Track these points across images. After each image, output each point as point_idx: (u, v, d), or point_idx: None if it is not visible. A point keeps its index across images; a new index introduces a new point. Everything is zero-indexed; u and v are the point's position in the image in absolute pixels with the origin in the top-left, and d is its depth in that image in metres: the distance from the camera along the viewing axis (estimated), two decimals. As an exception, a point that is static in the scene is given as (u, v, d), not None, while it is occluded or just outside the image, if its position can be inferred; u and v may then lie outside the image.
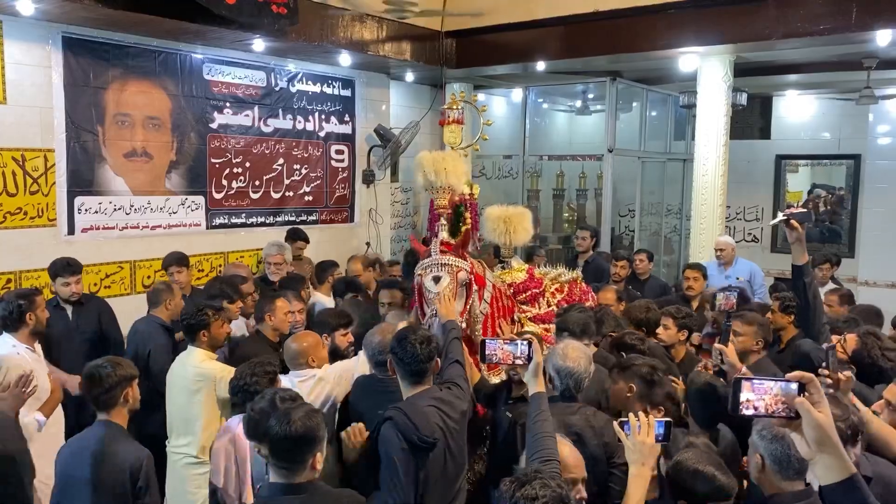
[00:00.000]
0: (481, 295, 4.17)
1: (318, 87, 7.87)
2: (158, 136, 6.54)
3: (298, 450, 2.40)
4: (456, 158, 4.35)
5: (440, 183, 4.14)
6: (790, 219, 3.48)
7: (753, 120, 10.32)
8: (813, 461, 1.72)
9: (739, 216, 10.33)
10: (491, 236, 4.68)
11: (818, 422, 1.67)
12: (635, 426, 2.49)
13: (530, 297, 4.60)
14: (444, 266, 3.93)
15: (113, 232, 6.29)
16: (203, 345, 4.17)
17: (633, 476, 2.46)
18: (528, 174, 9.67)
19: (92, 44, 6.04)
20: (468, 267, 4.00)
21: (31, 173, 5.77)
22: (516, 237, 4.63)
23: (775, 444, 2.42)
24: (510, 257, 4.78)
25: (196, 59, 6.76)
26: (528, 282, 4.64)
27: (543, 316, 4.57)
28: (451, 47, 8.03)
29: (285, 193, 7.64)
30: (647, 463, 2.46)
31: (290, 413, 2.43)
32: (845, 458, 1.70)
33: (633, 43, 6.95)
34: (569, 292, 4.88)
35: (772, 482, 2.46)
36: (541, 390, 2.65)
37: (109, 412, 3.12)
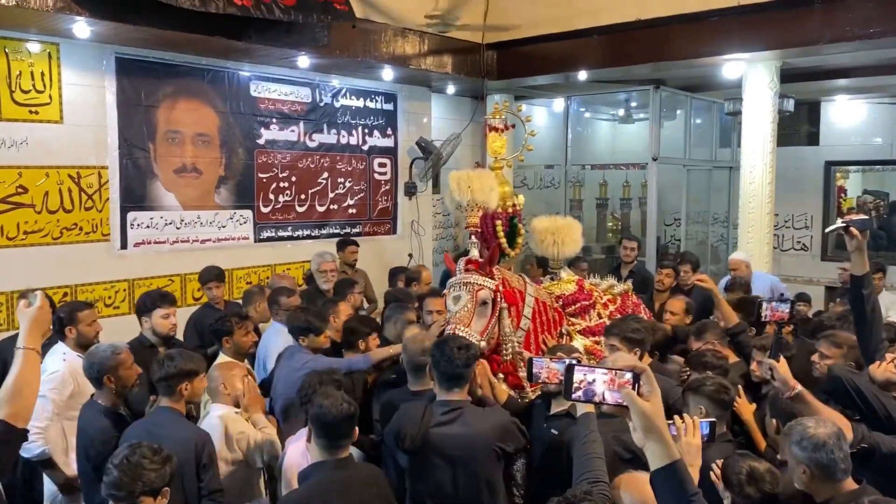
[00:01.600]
0: (518, 311, 4.10)
1: (361, 101, 7.97)
2: (207, 152, 6.70)
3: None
4: (482, 176, 4.33)
5: (468, 202, 4.18)
6: (849, 226, 3.30)
7: (801, 126, 10.13)
8: (644, 447, 1.79)
9: (788, 224, 10.12)
10: (538, 248, 4.63)
11: (643, 410, 1.75)
12: (681, 427, 2.46)
13: (580, 310, 4.53)
14: (465, 286, 3.90)
15: (164, 246, 6.44)
16: (228, 351, 4.26)
17: None
18: (570, 184, 9.63)
19: (143, 63, 6.22)
20: (492, 285, 3.93)
21: (86, 190, 5.96)
22: (564, 249, 4.58)
23: (819, 453, 2.47)
24: (559, 269, 4.74)
25: (243, 76, 6.91)
26: (577, 294, 4.58)
27: (594, 328, 4.49)
28: (492, 59, 8.07)
29: (330, 206, 7.74)
30: (694, 464, 2.42)
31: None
32: (670, 446, 1.77)
33: (676, 51, 6.90)
34: (621, 304, 4.81)
35: (824, 489, 2.50)
36: (589, 410, 2.57)
37: (170, 399, 3.34)
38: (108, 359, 3.56)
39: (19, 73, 5.55)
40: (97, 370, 3.53)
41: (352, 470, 2.96)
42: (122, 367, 3.59)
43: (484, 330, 3.84)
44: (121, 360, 3.59)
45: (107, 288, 6.09)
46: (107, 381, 3.56)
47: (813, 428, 2.56)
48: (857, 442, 2.60)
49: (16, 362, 2.39)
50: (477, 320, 3.82)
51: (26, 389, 2.36)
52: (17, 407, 2.30)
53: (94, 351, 3.61)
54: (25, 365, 2.38)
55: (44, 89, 5.70)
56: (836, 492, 2.49)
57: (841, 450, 2.52)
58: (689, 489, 1.79)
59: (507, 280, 4.14)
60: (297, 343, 4.31)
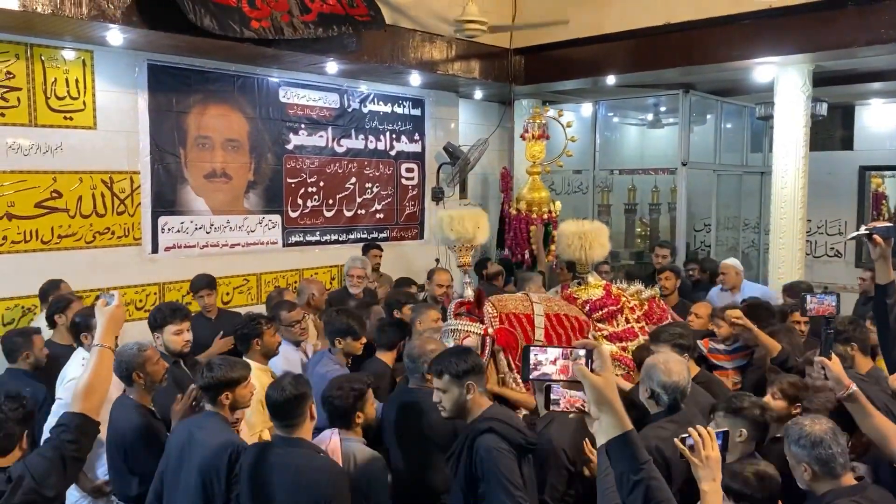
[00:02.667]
0: (528, 338, 4.06)
1: (388, 107, 8.00)
2: (237, 157, 6.77)
3: None
4: (465, 216, 4.40)
5: (457, 241, 4.22)
6: (872, 233, 3.20)
7: (834, 130, 9.96)
8: (598, 420, 1.86)
9: (821, 230, 9.95)
10: (566, 252, 4.61)
11: (594, 384, 1.83)
12: (698, 441, 2.41)
13: (607, 315, 4.49)
14: (452, 332, 3.93)
15: (194, 250, 6.52)
16: (255, 354, 4.27)
17: (707, 493, 2.37)
18: (598, 189, 9.57)
19: (174, 70, 6.31)
20: (479, 330, 3.91)
21: (118, 195, 6.05)
22: (592, 253, 4.55)
23: (817, 450, 2.56)
24: (586, 273, 4.70)
25: (272, 82, 6.98)
26: (604, 299, 4.54)
27: (620, 334, 4.45)
28: (520, 64, 8.05)
29: (357, 211, 7.77)
30: (717, 477, 2.38)
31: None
32: (622, 417, 1.84)
33: (706, 54, 6.82)
34: (648, 310, 4.75)
35: (825, 484, 2.59)
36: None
37: (214, 406, 3.34)
38: (135, 356, 3.64)
39: (54, 80, 5.66)
40: (126, 367, 3.60)
41: (299, 449, 3.04)
42: (150, 363, 3.67)
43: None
44: (147, 357, 3.67)
45: (138, 291, 6.17)
46: (136, 377, 3.63)
47: (809, 426, 2.64)
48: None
49: (91, 359, 2.58)
50: None
51: (100, 386, 2.56)
52: (92, 402, 2.52)
53: (122, 350, 3.67)
54: (101, 362, 2.58)
55: (78, 96, 5.80)
56: (834, 486, 2.56)
57: (839, 444, 2.58)
58: (640, 457, 1.85)
59: (504, 315, 4.08)
60: (333, 345, 4.32)
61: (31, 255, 5.61)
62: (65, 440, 2.45)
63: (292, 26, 5.68)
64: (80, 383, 2.53)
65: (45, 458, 2.43)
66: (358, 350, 4.37)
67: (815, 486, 2.64)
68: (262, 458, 3.03)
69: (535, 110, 5.02)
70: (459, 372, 3.05)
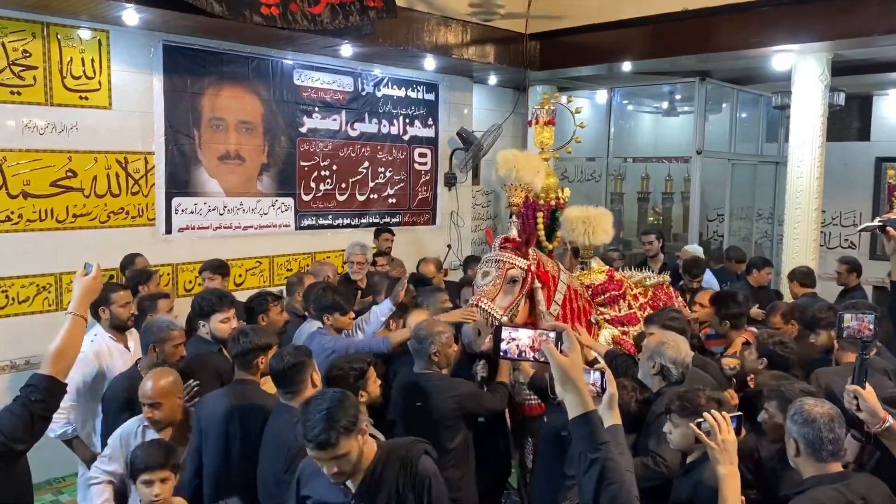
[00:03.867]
0: (549, 294, 4.11)
1: (402, 91, 7.98)
2: (251, 139, 6.77)
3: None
4: (529, 156, 4.39)
5: (512, 180, 4.21)
6: (886, 226, 3.09)
7: (851, 121, 9.87)
8: (563, 398, 1.96)
9: (835, 221, 9.88)
10: (570, 237, 4.63)
11: (559, 363, 1.92)
12: (714, 426, 2.42)
13: (609, 299, 4.53)
14: (496, 262, 3.94)
15: (207, 232, 6.54)
16: None
17: (724, 476, 2.38)
18: (611, 177, 9.52)
19: (189, 51, 6.31)
20: (524, 265, 3.95)
21: (132, 175, 6.07)
22: (595, 238, 4.57)
23: (806, 428, 2.51)
24: (590, 258, 4.72)
25: (287, 64, 6.97)
26: (607, 283, 4.57)
27: (622, 318, 4.50)
28: (535, 49, 8.00)
29: (370, 196, 7.78)
30: (734, 461, 2.40)
31: None
32: (585, 397, 1.94)
33: (724, 41, 6.76)
34: (653, 296, 4.80)
35: (808, 466, 2.55)
36: (617, 423, 2.44)
37: (247, 372, 3.50)
38: (160, 330, 3.72)
39: (70, 60, 5.67)
40: (149, 337, 3.71)
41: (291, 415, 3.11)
42: (170, 343, 3.74)
43: (508, 307, 3.87)
44: (171, 336, 3.74)
45: (150, 271, 6.20)
46: (151, 349, 3.72)
47: (810, 406, 2.58)
48: None
49: (64, 325, 2.68)
50: (503, 296, 3.86)
51: (70, 351, 2.68)
52: (61, 365, 2.64)
53: (153, 320, 3.82)
54: (72, 329, 2.68)
55: (94, 75, 5.81)
56: (819, 472, 2.52)
57: (832, 431, 2.51)
58: (599, 437, 1.93)
59: (542, 262, 4.15)
60: (322, 322, 4.35)
61: (46, 234, 5.64)
62: (33, 399, 2.56)
63: (302, 14, 5.68)
64: (52, 348, 2.63)
65: (15, 416, 2.55)
66: (347, 325, 4.40)
67: (799, 464, 2.61)
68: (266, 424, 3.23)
69: (545, 96, 4.98)
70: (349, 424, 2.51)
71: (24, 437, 2.55)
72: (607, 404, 2.41)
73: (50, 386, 2.60)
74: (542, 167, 4.51)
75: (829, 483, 2.48)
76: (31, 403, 2.56)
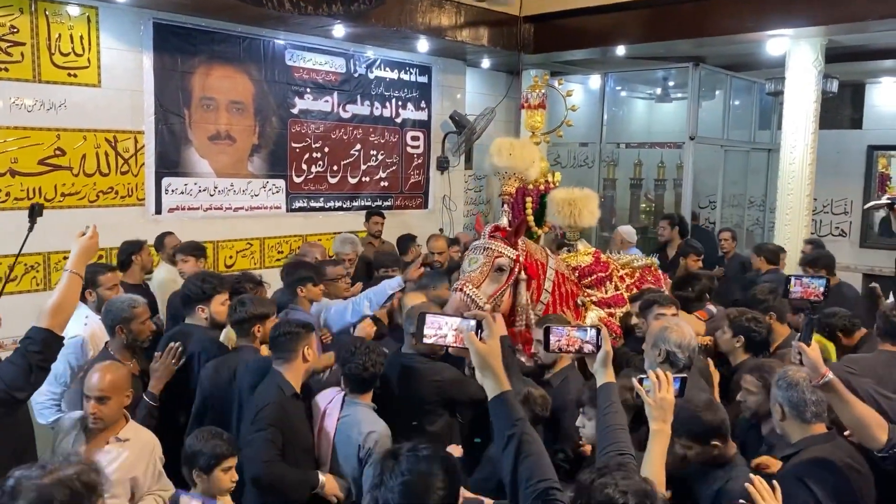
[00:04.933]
0: (539, 285, 4.10)
1: (395, 73, 7.93)
2: (242, 119, 6.71)
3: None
4: (526, 145, 4.38)
5: (507, 169, 4.19)
6: (894, 203, 3.11)
7: (844, 109, 9.86)
8: (482, 382, 2.10)
9: (826, 209, 9.90)
10: (556, 219, 4.62)
11: (478, 350, 2.07)
12: (656, 383, 2.45)
13: (596, 281, 4.52)
14: (485, 249, 3.93)
15: (197, 212, 6.49)
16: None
17: (655, 432, 2.42)
18: (604, 163, 9.50)
19: (180, 29, 6.24)
20: (513, 254, 3.94)
21: (122, 154, 6.01)
22: (581, 220, 4.57)
23: (791, 391, 2.67)
24: (576, 240, 4.71)
25: (278, 44, 6.90)
26: (593, 265, 4.57)
27: (609, 300, 4.49)
28: (529, 32, 7.96)
29: (362, 179, 7.73)
30: (667, 419, 2.43)
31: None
32: (501, 379, 2.08)
33: (718, 26, 6.74)
34: (640, 278, 4.79)
35: (795, 429, 2.69)
36: (610, 380, 2.53)
37: (246, 339, 3.67)
38: (123, 310, 3.64)
39: (59, 36, 5.60)
40: (111, 320, 3.66)
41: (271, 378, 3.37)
42: (136, 321, 3.67)
43: (493, 295, 3.86)
44: (136, 314, 3.67)
45: (141, 252, 6.14)
46: (118, 331, 3.64)
47: (793, 371, 2.73)
48: (890, 445, 2.54)
49: (61, 282, 2.79)
50: (488, 284, 3.85)
51: (67, 307, 2.80)
52: (58, 320, 2.75)
53: (113, 300, 3.74)
54: (69, 285, 2.79)
55: (83, 52, 5.74)
56: (804, 433, 2.67)
57: (814, 393, 2.66)
58: (514, 415, 2.06)
59: (530, 253, 4.13)
60: (297, 294, 4.38)
61: (34, 213, 5.57)
62: (32, 351, 2.66)
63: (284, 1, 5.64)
64: (50, 302, 2.74)
65: (15, 365, 2.67)
66: (318, 296, 4.45)
67: (785, 428, 2.74)
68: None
69: (535, 79, 4.97)
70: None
71: (23, 385, 2.66)
72: (602, 361, 2.50)
73: (47, 338, 2.69)
74: (537, 157, 4.49)
75: (822, 442, 2.61)
76: (29, 355, 2.66)
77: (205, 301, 3.94)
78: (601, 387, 2.52)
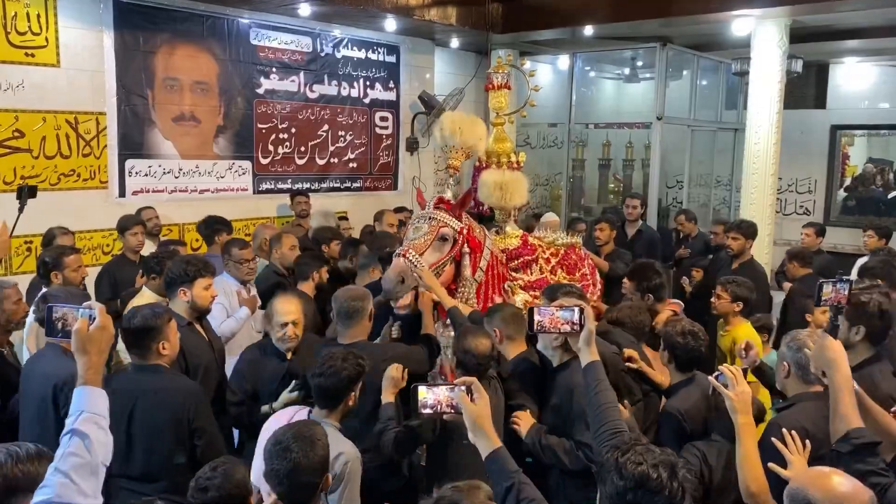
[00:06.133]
0: (476, 261, 4.12)
1: (362, 52, 7.85)
2: (206, 100, 6.61)
3: None
4: (474, 122, 4.38)
5: (455, 142, 4.21)
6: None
7: (808, 89, 9.99)
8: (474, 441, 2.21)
9: (791, 188, 10.05)
10: (487, 201, 4.62)
11: (470, 412, 2.20)
12: (732, 379, 2.55)
13: (522, 264, 4.52)
14: (429, 219, 3.94)
15: (162, 195, 6.40)
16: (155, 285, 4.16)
17: (742, 426, 2.50)
18: (573, 144, 9.53)
19: (142, 8, 6.11)
20: (457, 226, 3.97)
21: (83, 136, 5.89)
22: (511, 201, 4.57)
23: (799, 354, 2.80)
24: (504, 222, 4.71)
25: (243, 23, 6.79)
26: (521, 248, 4.56)
27: (534, 283, 4.46)
28: (498, 12, 7.92)
29: (330, 160, 7.67)
30: (749, 412, 2.53)
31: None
32: (493, 438, 2.21)
33: (684, 6, 6.77)
34: (564, 257, 4.75)
35: (795, 386, 2.84)
36: (595, 358, 2.53)
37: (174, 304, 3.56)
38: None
39: (14, 15, 5.45)
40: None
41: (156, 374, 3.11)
42: (7, 301, 3.59)
43: (435, 264, 3.87)
44: (6, 295, 3.59)
45: (105, 236, 6.06)
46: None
47: (805, 335, 2.88)
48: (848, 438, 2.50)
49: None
50: (431, 252, 3.87)
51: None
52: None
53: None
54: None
55: (40, 31, 5.60)
56: (803, 391, 2.81)
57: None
58: (509, 468, 2.16)
59: (472, 227, 4.15)
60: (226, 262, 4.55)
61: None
62: None
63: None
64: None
65: None
66: (248, 255, 4.61)
67: (786, 385, 2.88)
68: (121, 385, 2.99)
69: (499, 60, 4.94)
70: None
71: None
72: (585, 340, 2.51)
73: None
74: (485, 134, 4.49)
75: (812, 399, 2.77)
76: None
77: (188, 283, 3.66)
78: (587, 366, 2.53)
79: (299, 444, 2.31)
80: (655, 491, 1.72)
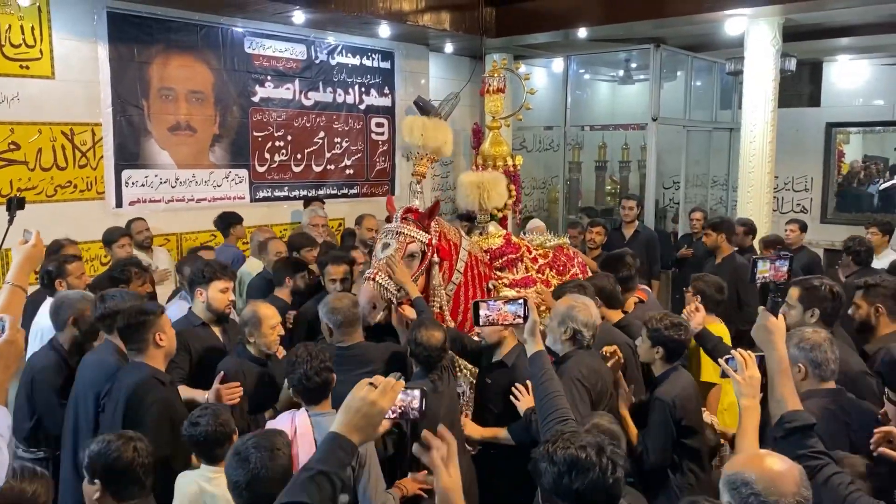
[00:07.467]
0: (451, 266, 4.10)
1: (357, 59, 7.86)
2: (202, 109, 6.62)
3: None
4: (438, 125, 4.38)
5: (419, 148, 4.20)
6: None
7: (802, 87, 10.00)
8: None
9: (788, 186, 10.05)
10: (465, 203, 4.63)
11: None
12: (742, 363, 2.58)
13: (507, 263, 4.53)
14: (397, 234, 3.90)
15: (159, 205, 6.40)
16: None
17: (746, 408, 2.55)
18: (569, 146, 9.54)
19: (136, 18, 6.12)
20: (425, 239, 3.93)
21: (79, 147, 5.90)
22: (491, 202, 4.58)
23: (815, 352, 2.83)
24: (486, 223, 4.72)
25: (237, 32, 6.80)
26: (504, 247, 4.57)
27: (519, 281, 4.49)
28: (491, 16, 7.94)
29: (327, 167, 7.68)
30: (756, 395, 2.57)
31: None
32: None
33: (677, 6, 6.79)
34: (553, 258, 4.79)
35: (811, 384, 2.84)
36: (540, 348, 2.63)
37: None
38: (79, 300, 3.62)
39: (8, 27, 5.47)
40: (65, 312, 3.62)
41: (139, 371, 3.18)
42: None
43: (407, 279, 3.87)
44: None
45: (102, 247, 6.03)
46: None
47: (811, 333, 2.91)
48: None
49: (1, 295, 2.49)
50: (401, 270, 3.85)
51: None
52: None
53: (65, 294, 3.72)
54: (9, 299, 2.47)
55: (34, 44, 5.61)
56: (818, 388, 2.83)
57: (833, 353, 2.85)
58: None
59: (444, 233, 4.12)
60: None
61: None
62: None
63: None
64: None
65: None
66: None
67: (802, 385, 2.84)
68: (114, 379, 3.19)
69: (493, 64, 4.95)
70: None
71: None
72: (530, 330, 2.62)
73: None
74: (449, 137, 4.45)
75: (823, 396, 2.80)
76: None
77: (203, 284, 3.84)
78: (533, 356, 2.64)
79: (258, 455, 2.23)
80: (587, 469, 1.79)
